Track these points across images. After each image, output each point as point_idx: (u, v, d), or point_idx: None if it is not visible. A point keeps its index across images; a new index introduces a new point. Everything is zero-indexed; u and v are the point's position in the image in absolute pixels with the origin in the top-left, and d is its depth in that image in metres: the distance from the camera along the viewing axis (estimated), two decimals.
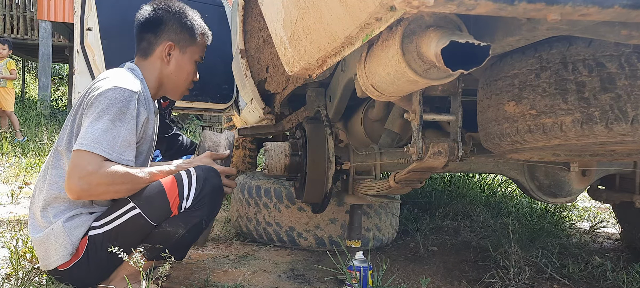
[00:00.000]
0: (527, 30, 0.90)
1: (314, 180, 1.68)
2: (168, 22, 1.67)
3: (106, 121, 1.42)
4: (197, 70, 1.77)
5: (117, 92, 1.45)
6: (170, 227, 1.48)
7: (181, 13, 1.70)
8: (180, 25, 1.68)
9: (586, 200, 4.14)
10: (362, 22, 0.76)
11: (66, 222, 1.48)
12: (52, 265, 1.49)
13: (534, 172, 2.13)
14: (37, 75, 13.75)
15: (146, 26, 1.68)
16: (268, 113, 2.27)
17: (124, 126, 1.44)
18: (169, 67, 1.69)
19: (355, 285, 1.62)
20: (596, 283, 2.01)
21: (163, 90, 1.73)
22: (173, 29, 1.68)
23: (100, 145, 1.39)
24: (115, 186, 1.42)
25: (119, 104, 1.44)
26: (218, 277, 1.86)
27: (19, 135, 7.10)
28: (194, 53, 1.72)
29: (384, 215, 2.40)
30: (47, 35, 10.27)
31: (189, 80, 1.75)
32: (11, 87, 7.52)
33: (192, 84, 1.78)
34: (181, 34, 1.69)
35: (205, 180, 1.50)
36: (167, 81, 1.71)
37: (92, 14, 2.85)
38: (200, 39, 1.74)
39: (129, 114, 1.46)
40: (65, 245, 1.47)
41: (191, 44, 1.71)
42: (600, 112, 1.05)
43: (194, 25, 1.71)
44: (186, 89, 1.76)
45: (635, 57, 1.03)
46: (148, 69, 1.67)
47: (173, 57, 1.69)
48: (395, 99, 1.21)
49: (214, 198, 1.52)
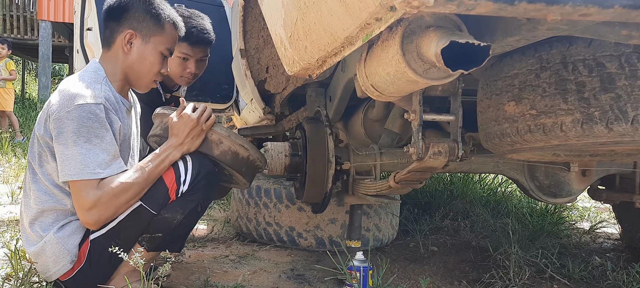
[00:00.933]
0: (527, 30, 0.90)
1: (314, 180, 1.68)
2: (131, 9, 1.56)
3: (83, 143, 1.38)
4: (164, 62, 1.62)
5: (82, 110, 1.39)
6: (168, 213, 1.47)
7: (148, 1, 1.58)
8: (145, 12, 1.56)
9: (586, 200, 4.14)
10: (362, 22, 0.76)
11: (58, 232, 1.46)
12: (53, 276, 1.48)
13: (534, 172, 2.13)
14: (37, 75, 13.75)
15: (110, 14, 1.59)
16: (268, 113, 2.27)
17: (102, 141, 1.41)
18: (130, 56, 1.56)
19: (355, 285, 1.62)
20: (596, 283, 2.01)
21: (129, 82, 1.63)
22: (136, 17, 1.56)
23: (88, 169, 1.37)
24: (121, 199, 1.41)
25: (88, 121, 1.39)
26: (218, 277, 1.86)
27: (18, 136, 7.10)
28: (159, 43, 1.58)
29: (384, 215, 2.40)
30: (47, 35, 10.27)
31: (153, 72, 1.59)
32: (11, 87, 7.52)
33: (160, 76, 1.63)
34: (144, 22, 1.56)
35: (201, 165, 1.50)
36: (129, 72, 1.59)
37: (92, 14, 2.85)
38: (169, 29, 1.59)
39: (103, 126, 1.42)
40: (63, 256, 1.46)
41: (156, 33, 1.57)
42: (600, 112, 1.05)
43: (160, 13, 1.57)
44: (151, 81, 1.62)
45: (635, 57, 1.03)
46: (111, 61, 1.58)
47: (134, 46, 1.56)
48: (395, 99, 1.21)
49: (209, 181, 1.52)
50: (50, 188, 1.48)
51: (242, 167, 1.59)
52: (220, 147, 1.55)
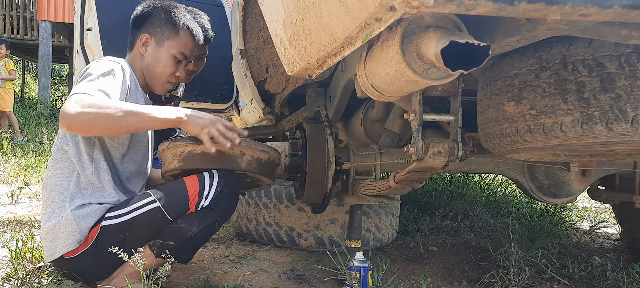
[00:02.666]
0: (527, 30, 0.90)
1: (313, 180, 1.68)
2: (151, 16, 1.72)
3: (93, 78, 1.47)
4: (178, 66, 1.75)
5: (102, 62, 1.54)
6: (184, 223, 1.48)
7: (168, 9, 1.73)
8: (162, 19, 1.71)
9: (586, 200, 4.14)
10: (362, 22, 0.76)
11: (76, 210, 1.48)
12: (58, 253, 1.49)
13: (534, 172, 2.13)
14: (37, 76, 13.75)
15: (134, 21, 1.75)
16: (268, 113, 2.26)
17: (112, 79, 1.50)
18: (145, 58, 1.71)
19: (355, 285, 1.62)
20: (596, 283, 2.01)
21: (147, 83, 1.75)
22: (153, 23, 1.71)
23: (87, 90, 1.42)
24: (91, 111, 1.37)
25: (106, 68, 1.51)
26: (218, 277, 1.86)
27: (18, 136, 7.10)
28: (171, 47, 1.71)
29: (384, 215, 2.40)
30: (47, 35, 10.27)
31: (166, 74, 1.72)
32: (10, 87, 7.52)
33: (174, 78, 1.76)
34: (160, 27, 1.71)
35: (226, 184, 1.50)
36: (146, 72, 1.73)
37: (92, 14, 2.85)
38: (183, 35, 1.73)
39: (117, 74, 1.53)
40: (73, 233, 1.47)
41: (170, 37, 1.71)
42: (600, 112, 1.05)
43: (176, 20, 1.72)
44: (166, 82, 1.74)
45: (635, 57, 1.03)
46: (132, 61, 1.73)
47: (149, 49, 1.71)
48: (395, 99, 1.21)
49: (230, 201, 1.53)
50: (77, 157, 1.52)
51: (267, 170, 1.63)
52: (245, 159, 1.56)
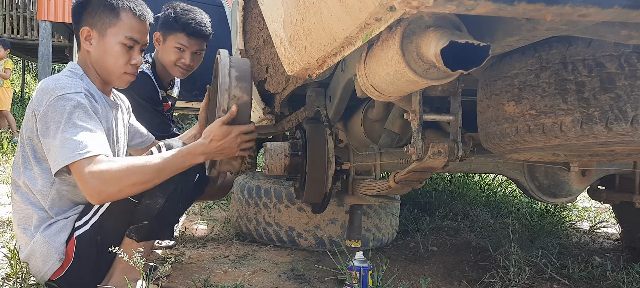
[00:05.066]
0: (527, 30, 0.90)
1: (313, 180, 1.68)
2: (88, 5, 1.51)
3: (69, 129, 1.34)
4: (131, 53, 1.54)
5: (64, 100, 1.36)
6: (149, 199, 1.45)
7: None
8: (101, 5, 1.49)
9: (586, 200, 4.14)
10: (361, 22, 0.76)
11: (44, 231, 1.47)
12: (45, 277, 1.49)
13: (534, 172, 2.13)
14: (37, 75, 13.74)
15: (72, 15, 1.55)
16: (268, 113, 2.27)
17: (88, 123, 1.37)
18: (92, 54, 1.53)
19: (355, 285, 1.62)
20: (596, 283, 2.01)
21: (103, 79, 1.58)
22: (91, 12, 1.50)
23: (79, 148, 1.32)
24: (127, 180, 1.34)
25: (72, 108, 1.36)
26: (218, 277, 1.86)
27: (16, 135, 7.10)
28: (116, 34, 1.50)
29: (384, 215, 2.40)
30: (47, 35, 10.27)
31: (119, 65, 1.53)
32: (9, 87, 7.52)
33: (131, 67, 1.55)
34: (99, 15, 1.50)
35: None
36: (98, 69, 1.55)
37: None
38: (125, 17, 1.51)
39: (87, 112, 1.39)
40: (51, 254, 1.46)
41: (111, 24, 1.50)
42: (600, 112, 1.05)
43: (116, 3, 1.50)
44: (122, 74, 1.55)
45: (635, 57, 1.03)
46: (82, 61, 1.56)
47: (93, 43, 1.52)
48: (395, 99, 1.21)
49: None
50: (31, 194, 1.49)
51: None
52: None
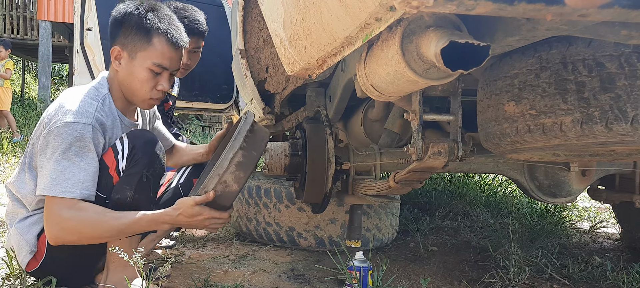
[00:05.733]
0: (527, 30, 0.90)
1: (313, 180, 1.68)
2: (124, 23, 1.50)
3: (62, 160, 1.36)
4: (158, 79, 1.52)
5: (68, 128, 1.37)
6: (118, 194, 1.45)
7: (140, 14, 1.49)
8: (136, 26, 1.48)
9: (586, 200, 4.14)
10: (361, 22, 0.76)
11: (18, 223, 1.50)
12: (22, 266, 1.52)
13: (534, 172, 2.13)
14: (37, 75, 13.75)
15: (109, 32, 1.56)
16: (268, 113, 2.27)
17: (82, 160, 1.39)
18: (120, 73, 1.52)
19: (355, 285, 1.62)
20: (596, 283, 2.01)
21: (127, 100, 1.58)
22: (126, 33, 1.49)
23: (60, 186, 1.36)
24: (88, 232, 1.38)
25: (72, 139, 1.37)
26: (218, 277, 1.86)
27: (16, 135, 7.10)
28: (145, 58, 1.48)
29: (384, 215, 2.40)
30: (47, 35, 10.27)
31: (144, 90, 1.51)
32: (9, 87, 7.52)
33: (157, 93, 1.54)
34: (131, 37, 1.48)
35: (136, 137, 1.48)
36: (123, 89, 1.54)
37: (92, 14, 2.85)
38: (157, 43, 1.48)
39: (86, 147, 1.40)
40: (21, 246, 1.48)
41: (142, 48, 1.48)
42: (600, 112, 1.05)
43: (149, 27, 1.48)
44: (147, 98, 1.53)
45: (635, 57, 1.03)
46: (111, 78, 1.56)
47: (122, 63, 1.51)
48: (395, 99, 1.21)
49: (147, 149, 1.48)
50: (19, 194, 1.52)
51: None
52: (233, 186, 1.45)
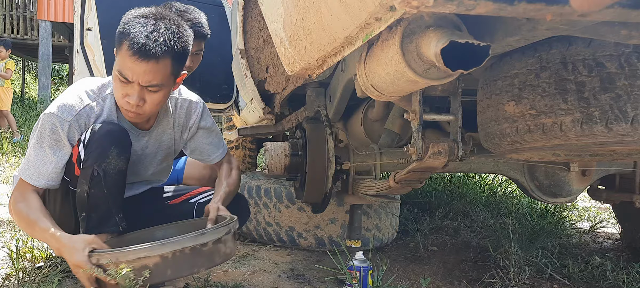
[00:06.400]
0: (527, 30, 0.90)
1: (314, 180, 1.68)
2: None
3: (38, 148, 1.44)
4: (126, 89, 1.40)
5: (48, 119, 1.42)
6: (78, 187, 1.45)
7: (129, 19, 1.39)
8: (122, 23, 1.41)
9: (586, 200, 4.14)
10: (362, 22, 0.76)
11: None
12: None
13: (534, 172, 2.13)
14: (37, 75, 13.75)
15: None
16: (268, 113, 2.27)
17: (55, 154, 1.44)
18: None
19: (355, 285, 1.62)
20: (596, 283, 2.01)
21: None
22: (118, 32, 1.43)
23: (28, 172, 1.45)
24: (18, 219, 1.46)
25: (48, 131, 1.42)
26: (218, 277, 1.86)
27: (16, 135, 7.10)
28: (116, 63, 1.41)
29: (384, 215, 2.40)
30: (47, 35, 10.27)
31: (118, 96, 1.44)
32: (9, 87, 7.51)
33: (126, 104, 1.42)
34: (118, 36, 1.41)
35: (100, 129, 1.42)
36: None
37: (92, 14, 2.85)
38: (124, 48, 1.35)
39: (60, 141, 1.43)
40: None
41: (118, 52, 1.41)
42: (600, 112, 1.05)
43: (123, 30, 1.37)
44: (124, 109, 1.45)
45: (635, 57, 1.03)
46: None
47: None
48: (395, 99, 1.21)
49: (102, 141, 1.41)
50: None
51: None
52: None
